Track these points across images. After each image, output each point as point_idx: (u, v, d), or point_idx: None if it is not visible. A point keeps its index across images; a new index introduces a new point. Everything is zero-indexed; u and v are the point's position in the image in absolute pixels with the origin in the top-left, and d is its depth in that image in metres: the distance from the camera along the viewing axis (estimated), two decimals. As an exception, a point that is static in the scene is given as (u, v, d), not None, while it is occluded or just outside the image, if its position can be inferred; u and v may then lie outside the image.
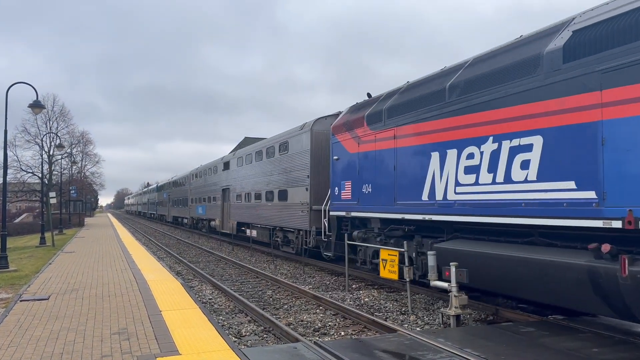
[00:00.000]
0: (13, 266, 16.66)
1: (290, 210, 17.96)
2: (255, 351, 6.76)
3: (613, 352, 6.42)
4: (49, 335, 7.27)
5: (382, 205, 11.53)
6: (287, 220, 18.38)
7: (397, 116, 11.11)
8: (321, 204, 15.38)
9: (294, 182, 17.65)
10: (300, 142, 17.37)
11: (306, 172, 16.81)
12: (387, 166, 11.35)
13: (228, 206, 27.86)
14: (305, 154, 16.94)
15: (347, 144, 13.25)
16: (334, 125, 14.22)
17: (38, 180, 43.84)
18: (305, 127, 17.21)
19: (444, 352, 6.47)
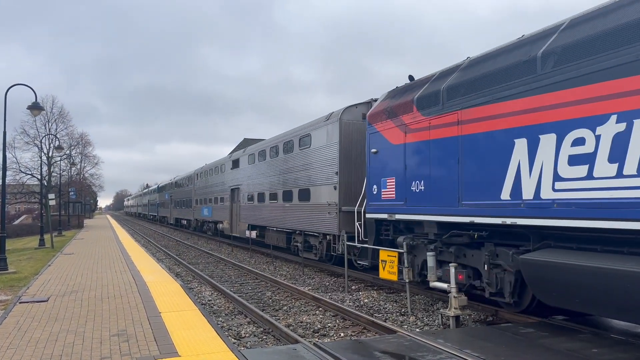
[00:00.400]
0: (12, 268, 16.64)
1: (314, 211, 16.00)
2: (255, 352, 6.76)
3: (612, 353, 6.42)
4: (48, 337, 7.26)
5: (440, 206, 9.57)
6: (310, 223, 16.40)
7: (462, 97, 9.10)
8: (353, 204, 13.44)
9: (318, 180, 15.75)
10: (325, 135, 15.43)
11: (334, 168, 14.75)
12: (448, 158, 9.37)
13: (237, 207, 25.56)
14: (333, 147, 14.92)
15: (390, 134, 11.25)
16: (371, 113, 12.20)
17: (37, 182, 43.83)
18: (332, 118, 15.22)
19: (443, 353, 6.46)
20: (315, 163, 16.04)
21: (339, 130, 14.57)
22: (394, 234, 11.57)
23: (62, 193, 42.77)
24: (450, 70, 10.07)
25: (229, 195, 27.18)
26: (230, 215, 26.95)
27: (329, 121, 15.34)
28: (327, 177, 15.17)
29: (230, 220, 26.94)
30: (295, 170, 17.81)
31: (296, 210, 17.59)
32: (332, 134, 15.00)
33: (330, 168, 14.95)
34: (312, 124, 16.62)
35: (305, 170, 16.92)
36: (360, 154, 13.94)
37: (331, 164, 14.93)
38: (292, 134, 18.37)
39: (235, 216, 26.17)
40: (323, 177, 15.45)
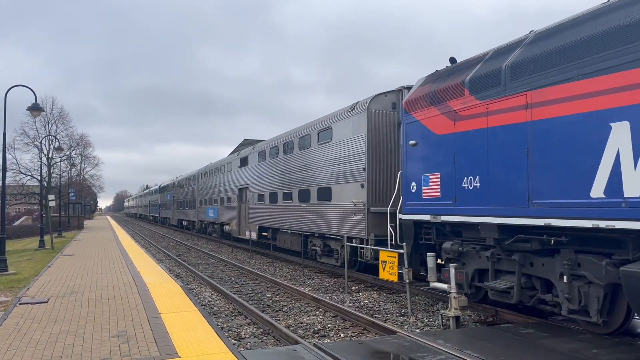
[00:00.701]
0: (12, 269, 16.64)
1: (336, 212, 14.48)
2: (255, 353, 6.76)
3: (613, 353, 6.42)
4: (48, 339, 7.26)
5: (503, 205, 8.14)
6: (331, 225, 14.83)
7: (531, 75, 7.70)
8: (384, 204, 12.04)
9: (341, 178, 14.24)
10: (350, 127, 13.91)
11: (361, 163, 13.19)
12: (512, 149, 7.97)
13: (246, 208, 23.91)
14: (359, 140, 13.38)
15: (433, 122, 9.82)
16: (409, 100, 10.72)
17: (37, 183, 43.79)
18: (358, 107, 13.71)
19: (443, 353, 6.46)
20: (338, 159, 14.61)
21: (367, 121, 13.07)
22: (437, 238, 9.99)
23: (62, 194, 42.77)
24: (510, 47, 8.64)
25: (236, 196, 25.67)
26: (238, 216, 25.43)
27: (354, 112, 13.83)
28: (353, 174, 13.69)
29: (238, 222, 25.37)
30: (313, 167, 16.35)
31: (314, 211, 16.12)
32: (358, 126, 13.47)
33: (357, 164, 13.47)
34: (334, 116, 15.22)
35: (325, 167, 15.46)
36: (390, 147, 12.88)
37: (357, 160, 13.43)
38: (309, 128, 16.93)
39: (243, 217, 24.61)
40: (347, 174, 14.01)
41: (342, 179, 14.34)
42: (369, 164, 13.05)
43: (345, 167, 14.13)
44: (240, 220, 25.25)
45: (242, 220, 24.94)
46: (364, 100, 13.70)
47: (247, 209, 23.77)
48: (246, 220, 24.05)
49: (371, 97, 13.29)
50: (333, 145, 14.98)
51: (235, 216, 25.90)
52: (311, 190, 16.40)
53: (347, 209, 13.92)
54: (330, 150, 15.22)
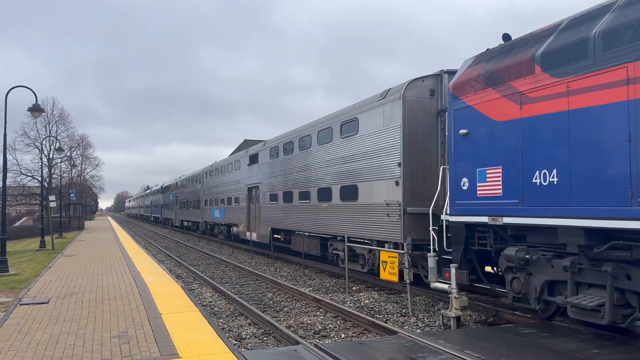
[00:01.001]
0: (13, 270, 16.65)
1: (364, 213, 12.98)
2: (256, 354, 6.76)
3: (614, 353, 6.42)
4: (49, 339, 7.26)
5: (594, 205, 6.82)
6: (357, 227, 13.26)
7: (635, 42, 6.38)
8: (423, 204, 10.86)
9: (370, 174, 12.75)
10: (380, 117, 12.38)
11: (395, 158, 11.67)
12: (608, 135, 6.68)
13: (257, 209, 22.32)
14: (393, 132, 11.84)
15: (490, 107, 8.49)
16: (457, 82, 9.34)
17: (38, 184, 43.78)
18: (391, 95, 12.19)
19: (444, 353, 6.46)
20: (365, 153, 13.12)
21: (402, 110, 11.57)
22: (495, 244, 8.58)
23: (62, 195, 42.76)
24: (594, 13, 7.31)
25: (245, 195, 24.04)
26: (247, 217, 23.78)
27: (386, 99, 12.33)
28: (385, 170, 12.15)
29: (248, 223, 23.75)
30: (335, 163, 14.82)
31: (337, 212, 14.55)
32: (391, 115, 12.01)
33: (389, 158, 11.99)
34: (360, 106, 13.71)
35: (350, 162, 13.97)
36: (429, 139, 11.61)
37: (391, 154, 11.95)
38: (330, 121, 15.45)
39: (253, 218, 22.96)
40: (378, 170, 12.45)
41: (371, 176, 12.84)
42: (405, 159, 11.52)
43: (375, 163, 12.65)
44: (249, 221, 23.65)
45: (251, 221, 23.37)
46: (397, 86, 12.20)
47: (258, 210, 22.17)
48: (256, 222, 22.42)
49: (406, 82, 11.76)
50: (359, 138, 13.50)
51: (244, 217, 24.29)
52: (333, 189, 14.97)
53: (377, 209, 12.43)
54: (355, 144, 13.71)
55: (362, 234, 13.16)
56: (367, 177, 13.08)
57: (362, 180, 13.31)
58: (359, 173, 13.48)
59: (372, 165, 12.88)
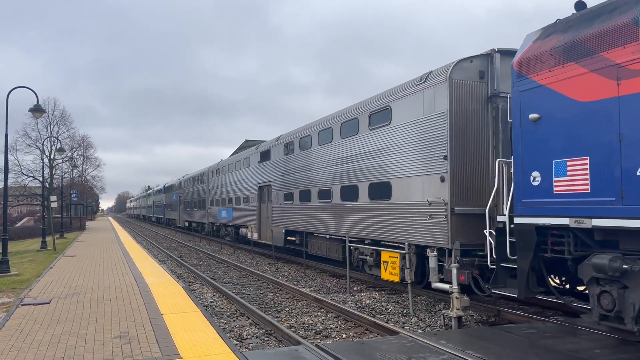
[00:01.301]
0: (14, 270, 16.67)
1: (398, 213, 11.50)
2: (257, 354, 6.76)
3: (615, 354, 6.41)
4: (50, 340, 7.27)
5: None
6: (390, 229, 11.78)
7: None
8: (474, 203, 9.76)
9: (408, 170, 11.26)
10: (420, 103, 10.95)
11: (440, 150, 10.22)
12: None
13: (268, 209, 20.74)
14: (437, 120, 10.37)
15: (573, 85, 7.20)
16: (523, 58, 7.98)
17: (39, 184, 43.82)
18: (434, 77, 10.67)
19: (445, 354, 6.46)
20: (402, 146, 11.61)
21: (449, 95, 10.08)
22: (576, 250, 7.27)
23: (64, 195, 42.79)
24: None
25: (255, 195, 22.46)
26: (257, 218, 22.18)
27: (427, 84, 10.88)
28: (426, 165, 10.71)
29: (259, 225, 22.10)
30: (363, 157, 13.26)
31: (365, 212, 13.05)
32: (434, 102, 10.58)
33: (433, 151, 10.54)
34: (394, 92, 12.16)
35: (380, 157, 12.42)
36: (479, 128, 10.15)
37: (434, 145, 10.48)
38: (356, 111, 13.85)
39: (265, 219, 21.36)
40: (417, 164, 11.02)
41: (409, 171, 11.32)
42: (452, 151, 10.01)
43: (414, 156, 11.21)
44: (260, 222, 22.00)
45: (263, 222, 21.73)
46: (441, 68, 10.76)
47: (270, 210, 20.47)
48: (269, 223, 20.82)
49: (452, 63, 10.35)
50: (393, 128, 11.99)
51: (254, 218, 22.61)
52: (359, 187, 13.44)
53: (416, 209, 10.98)
54: (387, 136, 12.19)
55: (395, 238, 11.62)
56: (402, 172, 11.63)
57: (397, 177, 11.83)
58: (393, 168, 12.01)
59: (409, 160, 11.39)
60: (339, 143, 14.72)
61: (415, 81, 11.40)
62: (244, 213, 24.48)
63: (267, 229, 21.00)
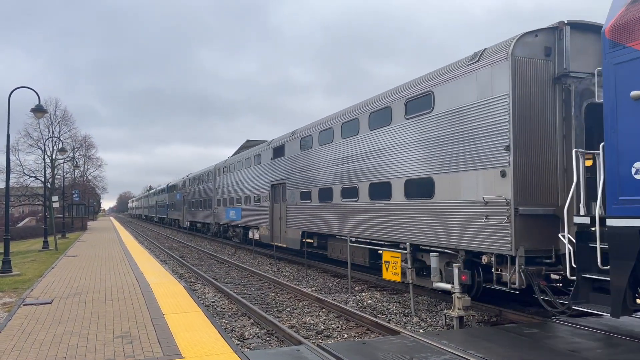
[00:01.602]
0: (16, 270, 16.69)
1: (444, 214, 10.13)
2: (258, 354, 6.77)
3: (617, 354, 6.40)
4: (52, 339, 7.28)
5: None
6: (432, 232, 10.43)
7: None
8: (540, 202, 8.55)
9: (456, 163, 9.81)
10: (473, 86, 9.54)
11: (499, 140, 8.85)
12: None
13: (282, 209, 19.16)
14: (495, 105, 8.98)
15: None
16: (619, 23, 6.65)
17: (41, 185, 43.89)
18: (491, 54, 9.26)
19: (447, 353, 6.46)
20: (448, 136, 10.10)
21: (511, 74, 8.65)
22: None
23: (65, 195, 42.85)
24: None
25: (268, 193, 20.79)
26: (270, 218, 20.56)
27: (482, 62, 9.43)
28: (482, 157, 9.25)
29: (271, 226, 20.45)
30: (395, 151, 11.85)
31: (399, 213, 11.60)
32: (491, 83, 9.13)
33: (490, 141, 9.09)
34: (438, 75, 10.72)
35: (421, 149, 10.98)
36: (545, 114, 8.78)
37: (491, 135, 9.06)
38: (388, 98, 12.37)
39: (279, 220, 19.68)
40: (469, 157, 9.54)
41: (457, 166, 9.91)
42: (516, 140, 8.59)
43: (463, 148, 9.77)
44: (273, 223, 20.29)
45: (276, 223, 20.01)
46: (500, 43, 9.28)
47: (285, 210, 18.75)
48: (282, 223, 19.19)
49: (515, 37, 8.90)
50: (435, 117, 10.60)
51: (266, 218, 21.00)
52: (393, 184, 11.96)
53: (468, 209, 9.54)
54: (430, 125, 10.75)
55: (439, 242, 10.21)
56: (448, 167, 10.17)
57: (441, 172, 10.34)
58: (435, 162, 10.55)
59: (457, 152, 9.94)
60: (366, 136, 13.16)
61: (464, 61, 9.99)
62: (255, 213, 22.73)
63: (280, 230, 19.27)
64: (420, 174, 11.03)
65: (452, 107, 10.10)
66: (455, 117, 9.99)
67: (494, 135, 8.98)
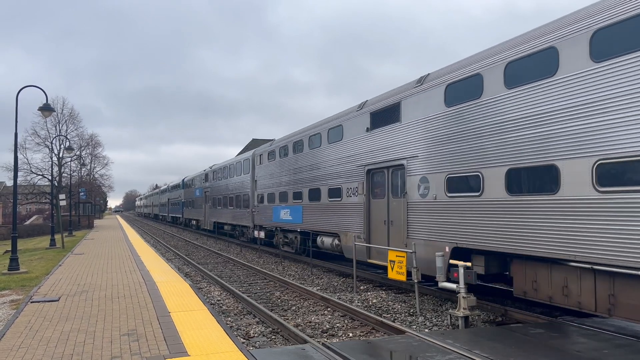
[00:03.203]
0: (23, 268, 16.80)
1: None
2: (264, 352, 6.78)
3: (624, 354, 6.37)
4: (59, 337, 7.33)
5: None
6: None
7: None
8: None
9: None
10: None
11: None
12: None
13: (402, 207, 12.09)
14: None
15: None
16: None
17: (48, 183, 44.14)
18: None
19: (452, 353, 6.45)
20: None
21: None
22: None
23: (72, 193, 43.06)
24: None
25: (361, 183, 13.81)
26: (365, 220, 13.66)
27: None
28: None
29: (367, 232, 13.60)
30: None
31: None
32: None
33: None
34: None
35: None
36: None
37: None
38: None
39: (382, 225, 13.01)
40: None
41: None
42: None
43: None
44: (370, 228, 13.58)
45: (377, 228, 13.28)
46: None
47: (405, 209, 11.88)
48: (397, 231, 12.37)
49: None
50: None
51: (357, 221, 14.14)
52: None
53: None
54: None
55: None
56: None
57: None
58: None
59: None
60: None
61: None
62: (333, 213, 15.61)
63: (397, 242, 12.19)
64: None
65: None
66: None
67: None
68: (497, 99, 9.25)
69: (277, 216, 20.81)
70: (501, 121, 9.11)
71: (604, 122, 7.31)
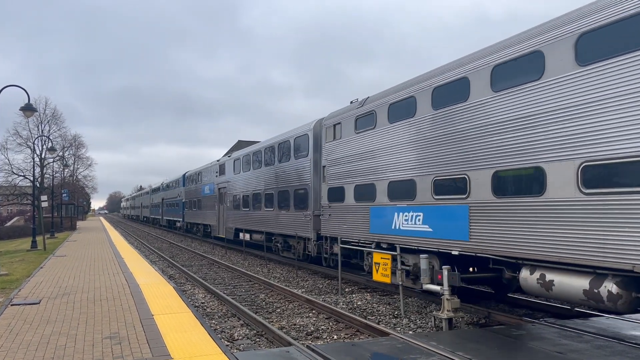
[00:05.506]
0: (4, 270, 16.53)
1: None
2: (248, 355, 6.76)
3: (605, 356, 6.46)
4: (40, 340, 7.23)
5: None
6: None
7: None
8: None
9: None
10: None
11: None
12: None
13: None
14: None
15: None
16: None
17: (30, 184, 43.54)
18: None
19: (436, 355, 6.49)
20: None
21: None
22: None
23: (54, 195, 42.51)
24: None
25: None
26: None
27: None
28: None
29: None
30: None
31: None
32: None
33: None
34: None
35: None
36: None
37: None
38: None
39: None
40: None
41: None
42: None
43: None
44: None
45: None
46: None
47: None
48: None
49: None
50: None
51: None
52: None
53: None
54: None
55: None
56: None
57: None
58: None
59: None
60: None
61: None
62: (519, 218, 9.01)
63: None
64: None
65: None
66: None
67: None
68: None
69: (386, 224, 12.03)
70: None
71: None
